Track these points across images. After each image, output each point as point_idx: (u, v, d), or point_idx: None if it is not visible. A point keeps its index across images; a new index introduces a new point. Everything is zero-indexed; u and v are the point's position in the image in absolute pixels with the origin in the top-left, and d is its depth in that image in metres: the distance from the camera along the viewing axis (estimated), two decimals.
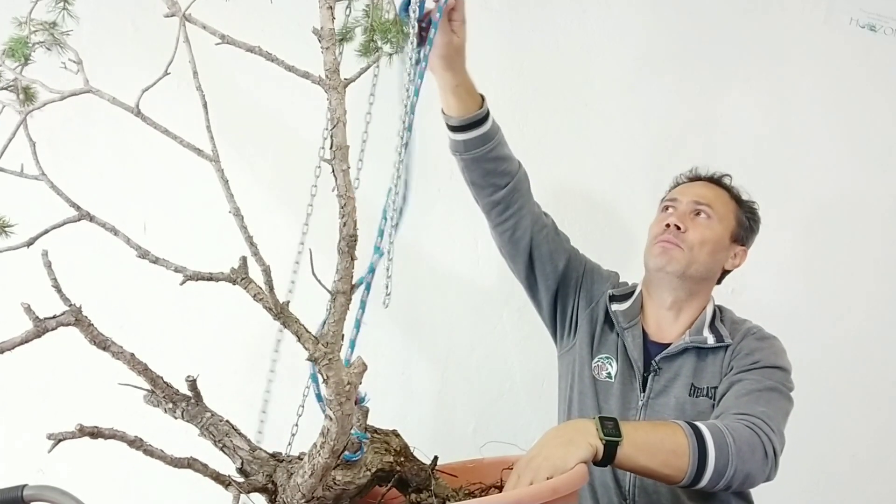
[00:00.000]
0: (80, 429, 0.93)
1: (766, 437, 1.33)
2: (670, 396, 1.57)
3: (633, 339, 1.64)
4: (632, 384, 1.62)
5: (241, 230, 0.88)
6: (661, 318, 1.66)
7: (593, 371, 1.66)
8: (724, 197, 1.68)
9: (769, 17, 2.21)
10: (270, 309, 0.90)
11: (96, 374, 1.64)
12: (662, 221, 1.65)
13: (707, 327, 1.61)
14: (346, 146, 0.92)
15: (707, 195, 1.67)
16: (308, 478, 1.03)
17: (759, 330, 1.61)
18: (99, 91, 0.83)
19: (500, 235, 1.70)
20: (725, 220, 1.65)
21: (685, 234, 1.61)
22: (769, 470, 1.35)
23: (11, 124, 0.87)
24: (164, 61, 0.84)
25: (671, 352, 1.60)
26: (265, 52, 0.88)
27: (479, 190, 1.65)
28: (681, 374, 1.58)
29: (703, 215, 1.64)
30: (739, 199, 1.70)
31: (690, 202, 1.65)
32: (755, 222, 1.72)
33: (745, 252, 1.70)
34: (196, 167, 0.96)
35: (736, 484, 1.31)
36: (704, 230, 1.62)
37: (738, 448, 1.29)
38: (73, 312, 0.94)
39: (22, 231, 0.91)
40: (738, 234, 1.68)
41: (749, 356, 1.53)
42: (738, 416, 1.37)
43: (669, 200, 1.69)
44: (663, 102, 2.20)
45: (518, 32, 2.16)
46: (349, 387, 0.96)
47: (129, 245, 0.88)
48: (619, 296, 1.70)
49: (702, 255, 1.61)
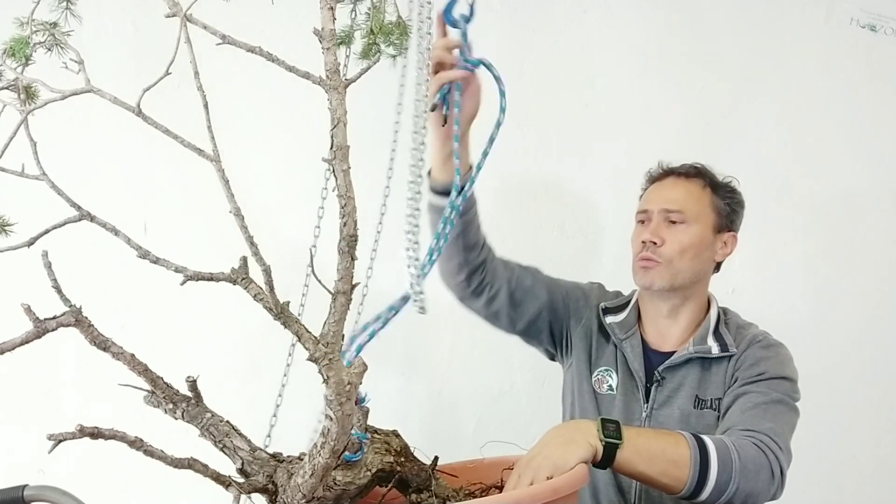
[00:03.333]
0: (80, 429, 0.93)
1: (774, 455, 1.31)
2: (674, 408, 1.55)
3: (633, 350, 1.61)
4: (635, 395, 1.59)
5: (242, 230, 0.88)
6: (660, 325, 1.63)
7: (594, 385, 1.64)
8: (695, 192, 1.61)
9: (770, 18, 2.21)
10: (271, 309, 0.90)
11: (97, 374, 1.64)
12: (639, 237, 1.61)
13: (711, 334, 1.57)
14: (346, 146, 0.92)
15: (676, 198, 1.60)
16: (308, 478, 1.02)
17: (765, 337, 1.56)
18: (100, 91, 0.83)
19: (485, 304, 1.64)
20: (702, 218, 1.59)
21: (662, 247, 1.56)
22: (775, 489, 1.32)
23: (12, 124, 0.87)
24: (166, 61, 0.84)
25: (674, 361, 1.57)
26: (266, 52, 0.88)
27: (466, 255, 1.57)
28: (685, 385, 1.55)
29: (676, 222, 1.58)
30: (714, 185, 1.63)
31: (661, 211, 1.59)
32: (737, 203, 1.64)
33: (735, 236, 1.64)
34: (197, 167, 0.96)
35: (737, 502, 1.29)
36: (682, 237, 1.57)
37: (742, 465, 1.27)
38: (74, 313, 0.94)
39: (23, 231, 0.91)
40: (721, 223, 1.61)
41: (754, 367, 1.49)
42: (746, 433, 1.34)
43: (642, 212, 1.64)
44: (663, 102, 2.20)
45: (518, 32, 2.17)
46: (349, 387, 0.96)
47: (130, 245, 0.88)
48: (614, 307, 1.67)
49: (684, 263, 1.56)
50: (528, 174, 2.19)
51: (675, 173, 1.65)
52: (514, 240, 2.19)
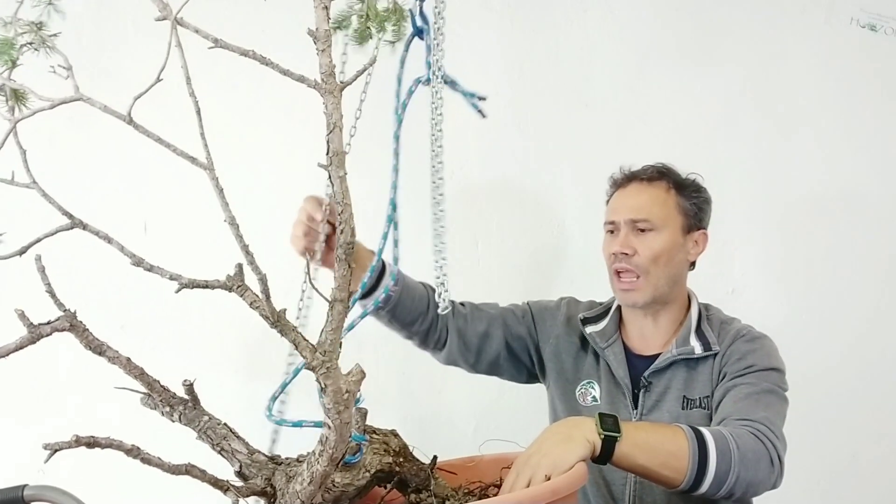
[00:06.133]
0: (76, 439, 0.93)
1: (771, 443, 1.31)
2: (663, 411, 1.54)
3: (616, 357, 1.60)
4: (622, 402, 1.58)
5: (237, 239, 0.87)
6: (642, 330, 1.63)
7: (578, 399, 1.63)
8: (660, 196, 1.59)
9: (770, 17, 2.21)
10: (267, 317, 0.90)
11: (96, 375, 1.64)
12: (609, 248, 1.60)
13: (693, 334, 1.57)
14: (342, 152, 0.91)
15: (641, 205, 1.58)
16: (307, 485, 1.02)
17: (749, 331, 1.56)
18: (90, 99, 0.81)
19: (444, 357, 1.68)
20: (670, 222, 1.57)
21: (634, 257, 1.55)
22: (775, 477, 1.32)
23: (2, 131, 0.86)
24: (160, 65, 0.83)
25: (659, 366, 1.56)
26: (259, 55, 0.86)
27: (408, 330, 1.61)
28: (672, 388, 1.55)
29: (645, 230, 1.56)
30: (679, 186, 1.60)
31: (628, 221, 1.57)
32: (703, 201, 1.62)
33: (705, 234, 1.63)
34: (193, 171, 0.95)
35: (739, 492, 1.29)
36: (652, 244, 1.55)
37: (741, 455, 1.27)
38: (68, 318, 0.94)
39: (15, 238, 0.91)
40: (690, 224, 1.60)
41: (741, 360, 1.50)
42: (742, 423, 1.34)
43: (609, 223, 1.62)
44: (663, 102, 2.19)
45: (518, 32, 2.16)
46: (348, 395, 0.95)
47: (124, 253, 0.87)
48: (593, 317, 1.67)
49: (659, 269, 1.55)
50: (527, 174, 2.19)
51: (637, 178, 1.62)
52: (514, 240, 2.19)
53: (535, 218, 2.19)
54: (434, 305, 1.58)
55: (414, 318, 1.59)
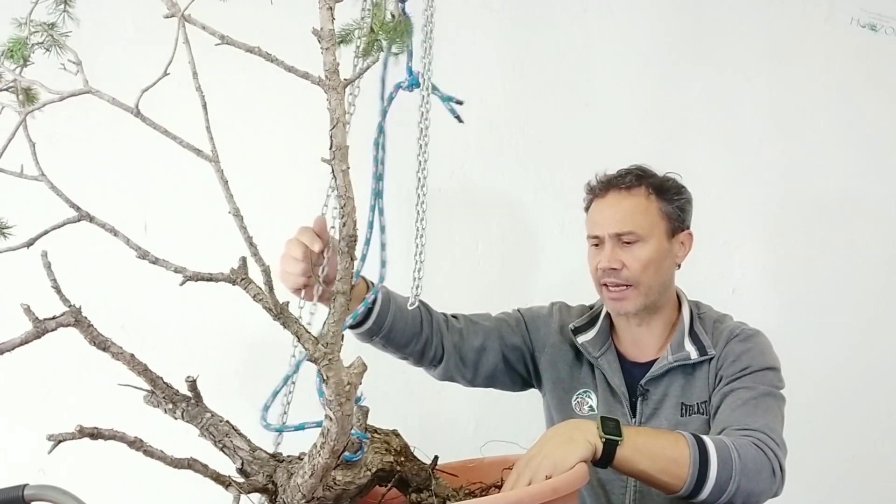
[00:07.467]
0: (80, 430, 0.93)
1: (773, 452, 1.32)
2: (661, 419, 1.53)
3: (610, 366, 1.59)
4: (620, 411, 1.56)
5: (241, 230, 0.88)
6: (635, 336, 1.60)
7: (574, 409, 1.61)
8: (640, 204, 1.55)
9: (770, 17, 2.22)
10: (270, 309, 0.90)
11: (97, 373, 1.64)
12: (594, 262, 1.57)
13: (687, 337, 1.55)
14: (345, 146, 0.92)
15: (623, 217, 1.54)
16: (308, 478, 1.02)
17: (742, 329, 1.55)
18: (98, 91, 0.83)
19: (440, 374, 1.64)
20: (655, 230, 1.54)
21: (623, 271, 1.52)
22: (776, 487, 1.33)
23: (11, 125, 0.87)
24: (165, 61, 0.84)
25: (655, 373, 1.55)
26: (265, 52, 0.87)
27: (403, 352, 1.57)
28: (669, 395, 1.54)
29: (630, 243, 1.53)
30: (658, 189, 1.56)
31: (612, 236, 1.54)
32: (685, 201, 1.59)
33: (690, 234, 1.60)
34: (197, 166, 0.96)
35: (739, 501, 1.28)
36: (639, 255, 1.52)
37: (742, 465, 1.27)
38: (73, 313, 0.94)
39: (22, 232, 0.91)
40: (674, 227, 1.57)
41: (736, 363, 1.49)
42: (742, 433, 1.34)
43: (593, 237, 1.58)
44: (663, 102, 2.20)
45: (518, 32, 2.17)
46: (349, 387, 0.96)
47: (129, 246, 0.88)
48: (583, 325, 1.64)
49: (649, 277, 1.53)
50: (527, 174, 2.19)
51: (615, 186, 1.57)
52: (514, 240, 2.19)
53: (535, 218, 2.20)
54: (428, 323, 1.56)
55: (408, 339, 1.54)
